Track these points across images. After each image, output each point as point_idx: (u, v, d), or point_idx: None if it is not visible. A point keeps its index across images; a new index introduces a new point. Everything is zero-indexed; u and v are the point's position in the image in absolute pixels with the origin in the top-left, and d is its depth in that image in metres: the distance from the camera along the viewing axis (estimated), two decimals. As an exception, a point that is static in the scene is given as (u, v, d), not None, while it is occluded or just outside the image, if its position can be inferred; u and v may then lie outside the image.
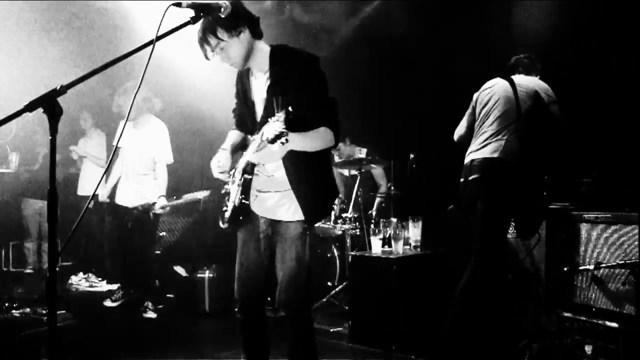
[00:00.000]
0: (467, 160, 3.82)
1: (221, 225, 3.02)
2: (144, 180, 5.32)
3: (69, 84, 1.84)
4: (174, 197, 5.55)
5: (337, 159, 5.98)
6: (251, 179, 2.75)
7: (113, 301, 5.57)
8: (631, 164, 4.18)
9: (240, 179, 2.74)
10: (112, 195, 5.54)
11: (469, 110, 4.04)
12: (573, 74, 4.68)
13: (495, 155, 3.64)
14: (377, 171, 6.03)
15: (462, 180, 3.81)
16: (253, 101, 2.79)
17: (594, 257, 3.74)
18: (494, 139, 3.69)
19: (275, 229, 2.79)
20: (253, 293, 2.92)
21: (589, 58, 4.76)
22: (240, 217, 2.82)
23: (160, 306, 5.43)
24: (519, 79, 3.89)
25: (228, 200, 2.88)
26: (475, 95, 4.02)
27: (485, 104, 3.86)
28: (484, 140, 3.74)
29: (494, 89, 3.87)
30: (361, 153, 5.89)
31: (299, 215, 2.75)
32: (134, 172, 5.36)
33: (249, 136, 2.84)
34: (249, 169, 2.72)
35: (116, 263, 6.20)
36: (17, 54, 5.89)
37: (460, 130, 4.11)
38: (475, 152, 3.76)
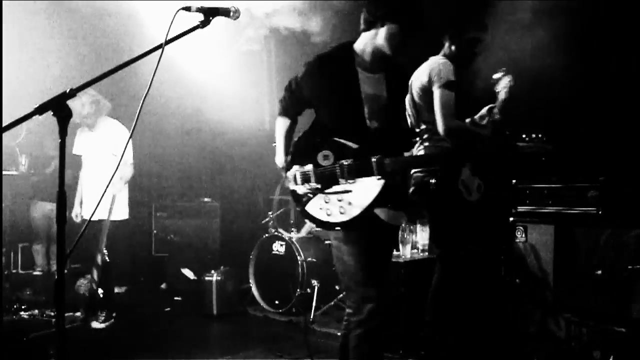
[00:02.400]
0: None
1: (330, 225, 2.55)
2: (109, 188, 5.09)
3: (78, 87, 1.86)
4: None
5: None
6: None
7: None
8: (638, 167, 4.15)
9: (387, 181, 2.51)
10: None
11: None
12: (578, 73, 4.63)
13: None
14: None
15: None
16: (361, 98, 2.61)
17: (602, 262, 3.72)
18: (415, 148, 3.65)
19: (391, 234, 2.83)
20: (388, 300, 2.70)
21: (594, 57, 4.70)
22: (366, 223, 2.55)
23: (168, 309, 5.43)
24: (423, 66, 3.63)
25: (336, 202, 2.55)
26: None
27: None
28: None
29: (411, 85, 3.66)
30: None
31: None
32: (97, 179, 5.22)
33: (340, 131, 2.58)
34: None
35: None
36: (27, 56, 5.93)
37: None
38: None
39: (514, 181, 4.24)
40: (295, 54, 6.15)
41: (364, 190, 2.50)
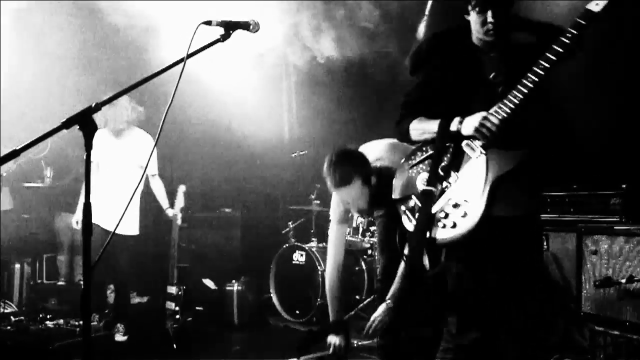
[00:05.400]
0: None
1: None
2: (126, 200, 4.27)
3: (103, 102, 1.90)
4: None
5: None
6: None
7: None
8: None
9: None
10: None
11: None
12: (600, 78, 4.55)
13: None
14: None
15: None
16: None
17: (626, 270, 3.67)
18: None
19: None
20: None
21: (616, 59, 4.58)
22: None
23: (189, 319, 5.43)
24: None
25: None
26: None
27: None
28: None
29: None
30: None
31: None
32: (114, 189, 5.04)
33: None
34: None
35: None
36: (44, 69, 6.01)
37: None
38: None
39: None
40: (315, 68, 6.20)
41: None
